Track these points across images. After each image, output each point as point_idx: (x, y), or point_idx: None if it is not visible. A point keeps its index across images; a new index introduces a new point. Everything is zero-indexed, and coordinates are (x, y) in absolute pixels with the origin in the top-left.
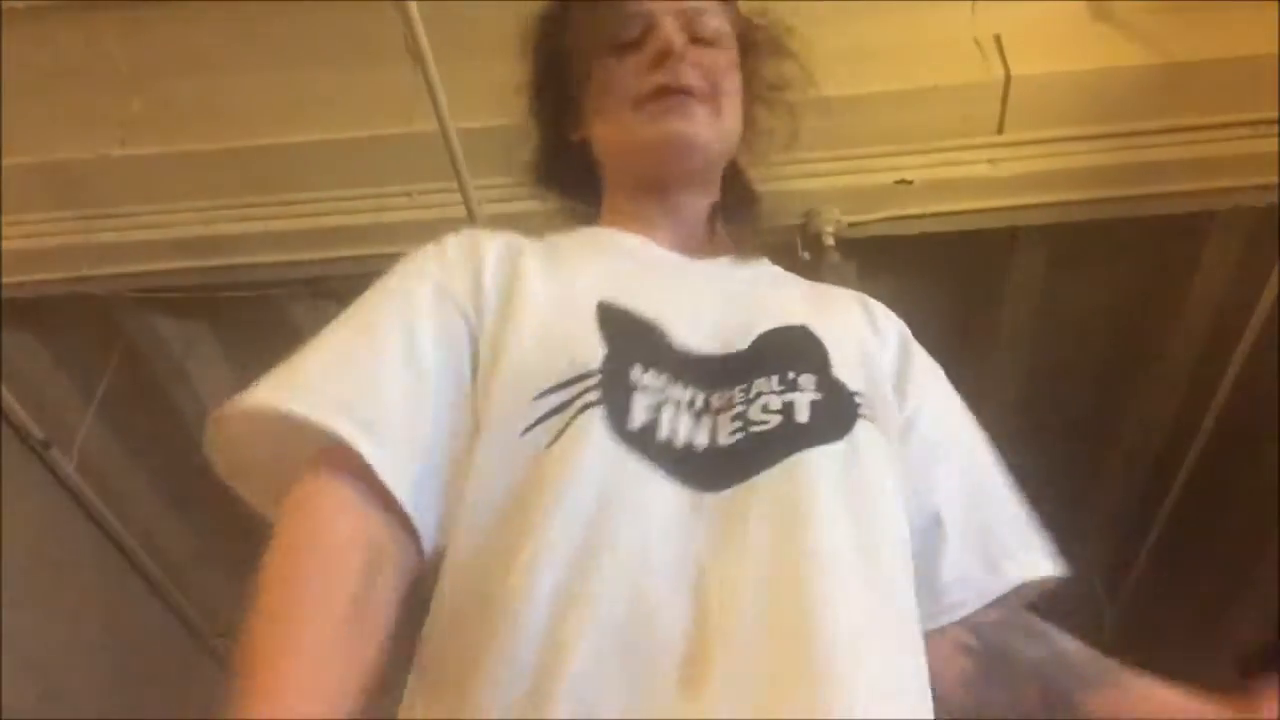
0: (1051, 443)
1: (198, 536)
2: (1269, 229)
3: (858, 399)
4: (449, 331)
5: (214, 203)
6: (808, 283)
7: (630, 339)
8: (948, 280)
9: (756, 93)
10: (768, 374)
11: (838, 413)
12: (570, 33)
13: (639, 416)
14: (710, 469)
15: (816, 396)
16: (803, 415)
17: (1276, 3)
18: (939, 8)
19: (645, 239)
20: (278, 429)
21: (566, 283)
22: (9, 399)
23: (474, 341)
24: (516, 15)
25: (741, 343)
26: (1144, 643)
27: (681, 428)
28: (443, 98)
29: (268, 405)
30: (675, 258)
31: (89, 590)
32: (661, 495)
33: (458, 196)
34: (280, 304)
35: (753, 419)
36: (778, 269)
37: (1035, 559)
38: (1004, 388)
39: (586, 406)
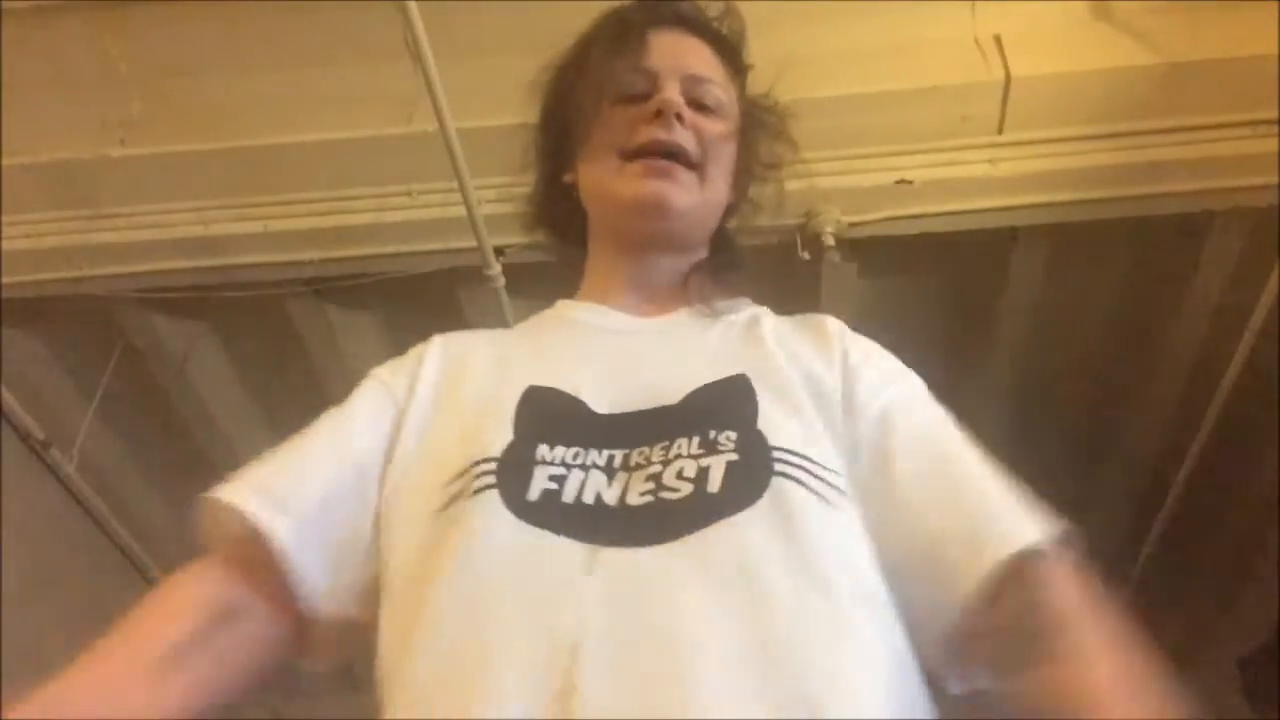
0: (1050, 443)
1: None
2: (1269, 229)
3: (777, 455)
4: (377, 414)
5: (214, 203)
6: (767, 317)
7: (543, 419)
8: (948, 280)
9: (751, 168)
10: (689, 433)
11: (751, 476)
12: (582, 80)
13: (538, 488)
14: (614, 525)
15: (734, 458)
16: (714, 484)
17: (1276, 3)
18: (939, 8)
19: (604, 307)
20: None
21: (505, 377)
22: (9, 399)
23: (396, 421)
24: (516, 15)
25: (672, 398)
26: (1142, 642)
27: (589, 487)
28: (443, 98)
29: (212, 497)
30: (628, 322)
31: (89, 590)
32: (554, 554)
33: (458, 196)
34: (280, 304)
35: (666, 484)
36: (749, 313)
37: (975, 565)
38: (1003, 388)
39: (483, 489)
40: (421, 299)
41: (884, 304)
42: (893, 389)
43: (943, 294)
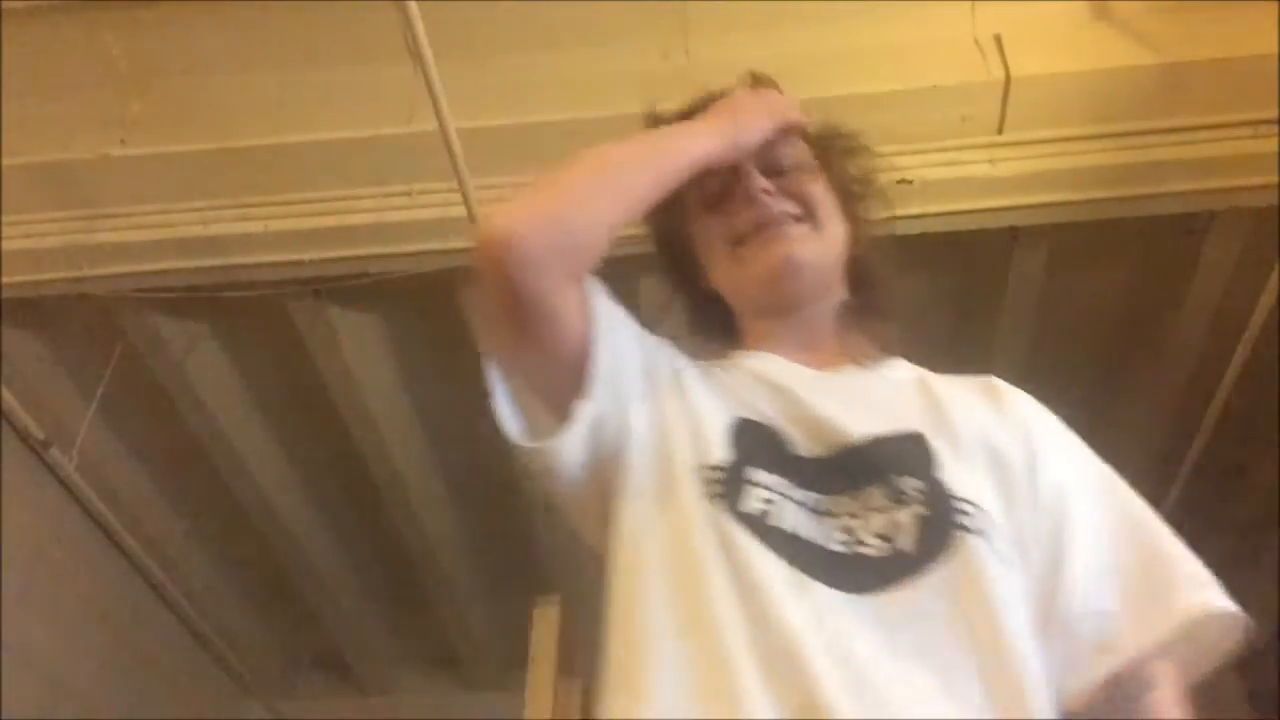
0: None
1: (197, 536)
2: (1269, 229)
3: (959, 505)
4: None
5: (214, 203)
6: (934, 377)
7: (754, 448)
8: (948, 280)
9: (848, 192)
10: (875, 482)
11: (938, 531)
12: (672, 209)
13: (751, 505)
14: (817, 562)
15: (922, 510)
16: (905, 542)
17: (1276, 3)
18: (939, 8)
19: (781, 358)
20: None
21: (717, 400)
22: (9, 399)
23: (673, 378)
24: (516, 15)
25: (855, 441)
26: None
27: (794, 520)
28: (443, 98)
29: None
30: (806, 372)
31: (89, 590)
32: (767, 562)
33: (458, 196)
34: (280, 304)
35: (862, 538)
36: (904, 370)
37: (1106, 658)
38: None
39: (712, 496)
40: (421, 299)
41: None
42: (1070, 455)
43: (943, 293)
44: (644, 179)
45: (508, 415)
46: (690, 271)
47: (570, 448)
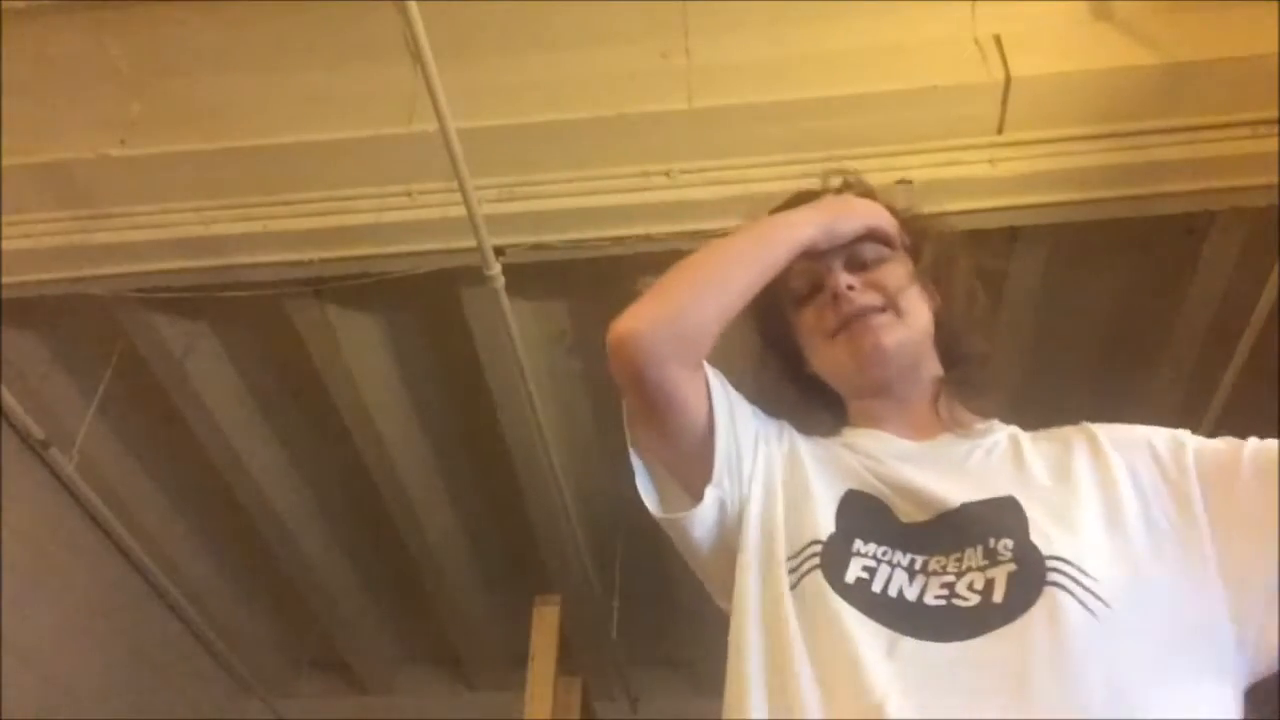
0: None
1: (197, 535)
2: (1269, 229)
3: (1051, 563)
4: (762, 427)
5: (214, 203)
6: (1026, 438)
7: (859, 519)
8: None
9: (932, 274)
10: (974, 544)
11: (1028, 584)
12: (765, 303)
13: (853, 574)
14: (912, 620)
15: (1013, 568)
16: (998, 595)
17: (1277, 3)
18: (939, 8)
19: (883, 433)
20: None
21: (828, 477)
22: (9, 399)
23: (786, 452)
24: (516, 15)
25: (953, 513)
26: None
27: (894, 582)
28: (443, 98)
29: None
30: (907, 444)
31: (89, 590)
32: (864, 632)
33: (458, 196)
34: (280, 304)
35: (959, 593)
36: (1000, 433)
37: None
38: (1000, 388)
39: (812, 569)
40: (421, 299)
41: None
42: (1184, 440)
43: None
44: (747, 270)
45: (645, 491)
46: (795, 360)
47: (699, 522)
